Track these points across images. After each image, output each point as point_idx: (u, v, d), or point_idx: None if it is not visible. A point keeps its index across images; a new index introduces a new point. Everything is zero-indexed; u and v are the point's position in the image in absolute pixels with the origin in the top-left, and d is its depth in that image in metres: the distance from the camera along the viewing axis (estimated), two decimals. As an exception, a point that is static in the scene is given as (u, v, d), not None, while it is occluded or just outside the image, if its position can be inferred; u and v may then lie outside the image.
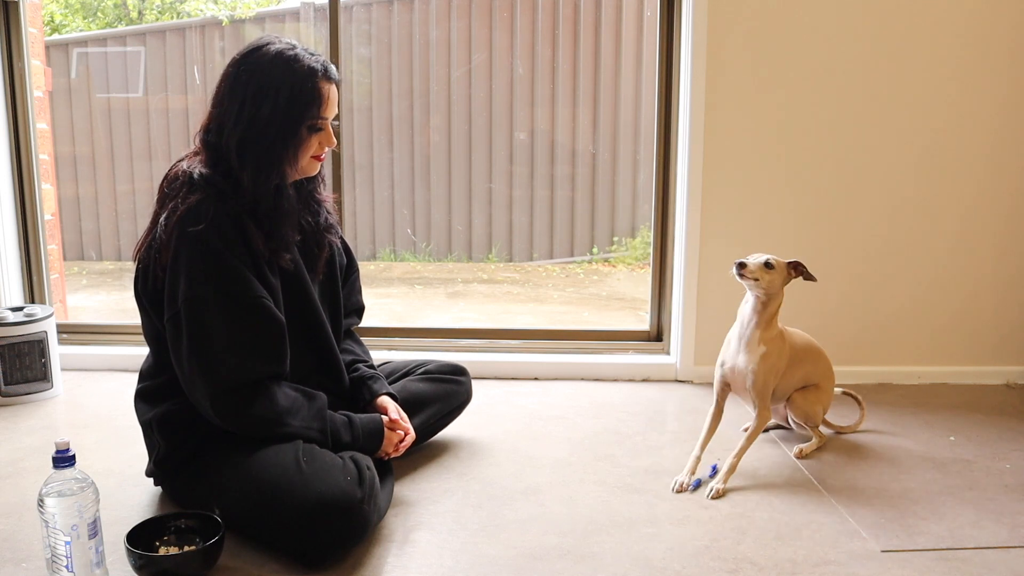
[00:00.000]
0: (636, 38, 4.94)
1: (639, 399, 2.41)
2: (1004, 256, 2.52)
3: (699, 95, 2.42)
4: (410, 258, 5.28)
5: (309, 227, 1.68)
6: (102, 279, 5.06)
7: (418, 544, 1.50)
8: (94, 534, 1.27)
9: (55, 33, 5.65)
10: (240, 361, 1.46)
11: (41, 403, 2.32)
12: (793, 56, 2.41)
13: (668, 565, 1.43)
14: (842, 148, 2.46)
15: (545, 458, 1.93)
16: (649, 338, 2.74)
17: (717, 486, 1.74)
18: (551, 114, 5.01)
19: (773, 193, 2.48)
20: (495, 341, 2.75)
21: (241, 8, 5.53)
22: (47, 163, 2.82)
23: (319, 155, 1.59)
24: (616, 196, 5.16)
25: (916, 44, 2.40)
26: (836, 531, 1.57)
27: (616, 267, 5.33)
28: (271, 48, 1.51)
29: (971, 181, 2.48)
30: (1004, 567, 1.44)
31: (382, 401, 1.74)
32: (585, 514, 1.63)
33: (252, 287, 1.48)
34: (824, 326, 2.42)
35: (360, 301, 1.91)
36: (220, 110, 1.52)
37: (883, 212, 2.49)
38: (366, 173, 5.11)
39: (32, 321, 2.31)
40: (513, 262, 5.28)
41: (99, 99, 4.97)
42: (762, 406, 1.83)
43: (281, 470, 1.43)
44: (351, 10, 4.92)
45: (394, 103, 4.99)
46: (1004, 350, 2.57)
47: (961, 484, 1.80)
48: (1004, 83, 2.42)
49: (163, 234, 1.47)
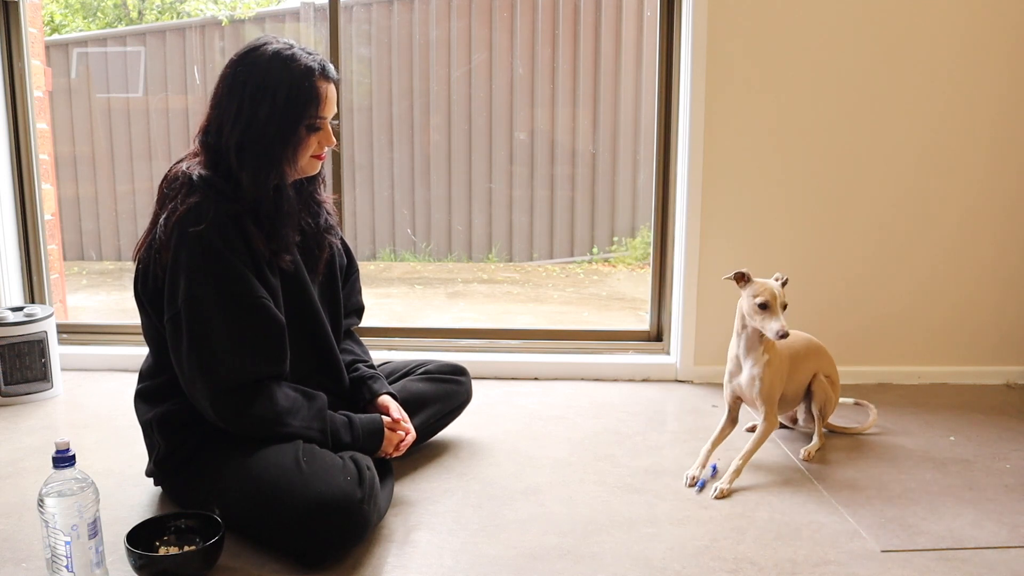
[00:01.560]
0: (636, 38, 4.94)
1: (639, 399, 2.41)
2: (1004, 256, 2.52)
3: (699, 95, 2.42)
4: (410, 258, 5.28)
5: (309, 228, 1.68)
6: (102, 279, 5.06)
7: (418, 544, 1.50)
8: (94, 534, 1.27)
9: (55, 33, 5.65)
10: (240, 361, 1.46)
11: (41, 403, 2.32)
12: (793, 56, 2.41)
13: (668, 565, 1.43)
14: (842, 148, 2.46)
15: (545, 458, 1.93)
16: (649, 338, 2.74)
17: (722, 486, 1.74)
18: (551, 114, 5.01)
19: (773, 193, 2.48)
20: (495, 341, 2.75)
21: (241, 8, 5.53)
22: (47, 163, 2.82)
23: (319, 154, 1.59)
24: (616, 196, 5.16)
25: (916, 45, 2.40)
26: (836, 531, 1.57)
27: (616, 267, 5.33)
28: (268, 48, 1.51)
29: (970, 181, 2.48)
30: (1004, 567, 1.44)
31: (383, 401, 1.74)
32: (585, 514, 1.63)
33: (252, 287, 1.48)
34: (824, 326, 2.42)
35: (360, 301, 1.91)
36: (218, 111, 1.52)
37: (883, 212, 2.49)
38: (366, 173, 5.11)
39: (32, 321, 2.31)
40: (513, 262, 5.28)
41: (99, 99, 4.97)
42: (769, 411, 1.85)
43: (281, 470, 1.43)
44: (351, 10, 4.92)
45: (394, 103, 4.99)
46: (1004, 350, 2.57)
47: (961, 484, 1.80)
48: (1003, 84, 2.42)
49: (163, 234, 1.47)
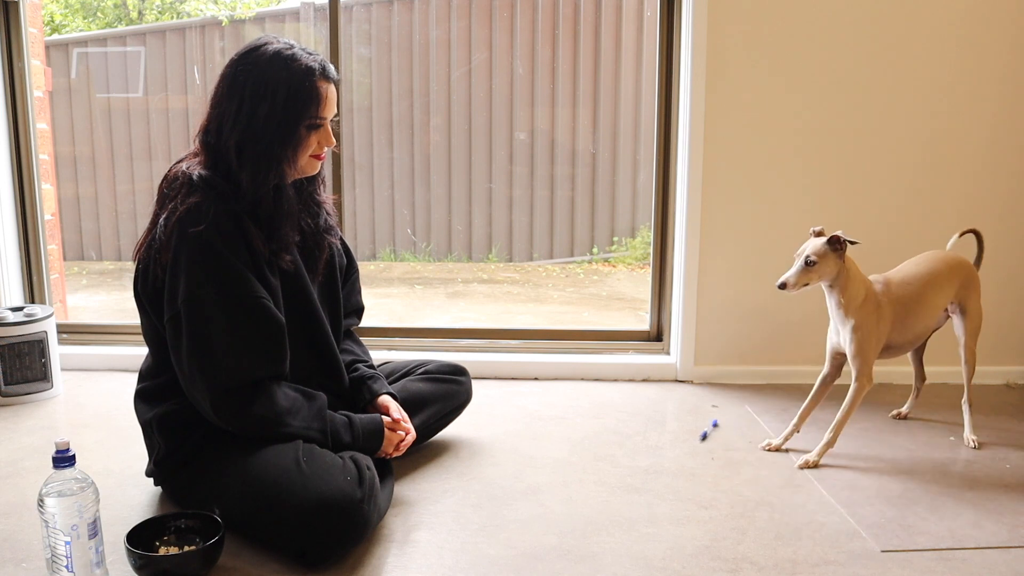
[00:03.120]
0: (636, 38, 4.94)
1: (639, 399, 2.41)
2: (1003, 256, 2.52)
3: (699, 95, 2.42)
4: (410, 258, 5.28)
5: (309, 228, 1.68)
6: (102, 279, 5.06)
7: (418, 544, 1.50)
8: (94, 534, 1.27)
9: (55, 33, 5.65)
10: (240, 361, 1.46)
11: (41, 403, 2.32)
12: (793, 56, 2.41)
13: (668, 565, 1.43)
14: (841, 148, 2.46)
15: (545, 458, 1.93)
16: (649, 338, 2.74)
17: (811, 458, 1.82)
18: (551, 114, 5.01)
19: (773, 193, 2.48)
20: (495, 341, 2.75)
21: (241, 8, 5.53)
22: (47, 163, 2.82)
23: (318, 154, 1.59)
24: (616, 196, 5.16)
25: (916, 44, 2.40)
26: (836, 531, 1.57)
27: (616, 267, 5.33)
28: (269, 48, 1.51)
29: (969, 181, 2.48)
30: (1004, 567, 1.44)
31: (383, 400, 1.74)
32: (585, 514, 1.63)
33: (252, 288, 1.48)
34: (824, 326, 2.42)
35: (360, 302, 1.91)
36: (218, 111, 1.52)
37: (883, 212, 2.49)
38: (366, 173, 5.11)
39: (32, 321, 2.31)
40: (513, 262, 5.28)
41: (99, 99, 4.97)
42: (860, 373, 1.84)
43: (281, 470, 1.43)
44: (351, 10, 4.92)
45: (394, 103, 4.99)
46: (1004, 350, 2.57)
47: (961, 484, 1.80)
48: (1001, 84, 2.42)
49: (163, 235, 1.47)
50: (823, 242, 1.78)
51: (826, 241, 1.78)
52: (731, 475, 1.83)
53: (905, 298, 1.89)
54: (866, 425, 2.17)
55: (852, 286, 1.82)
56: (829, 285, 1.83)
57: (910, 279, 1.92)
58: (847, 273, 1.81)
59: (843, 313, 1.84)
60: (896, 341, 1.91)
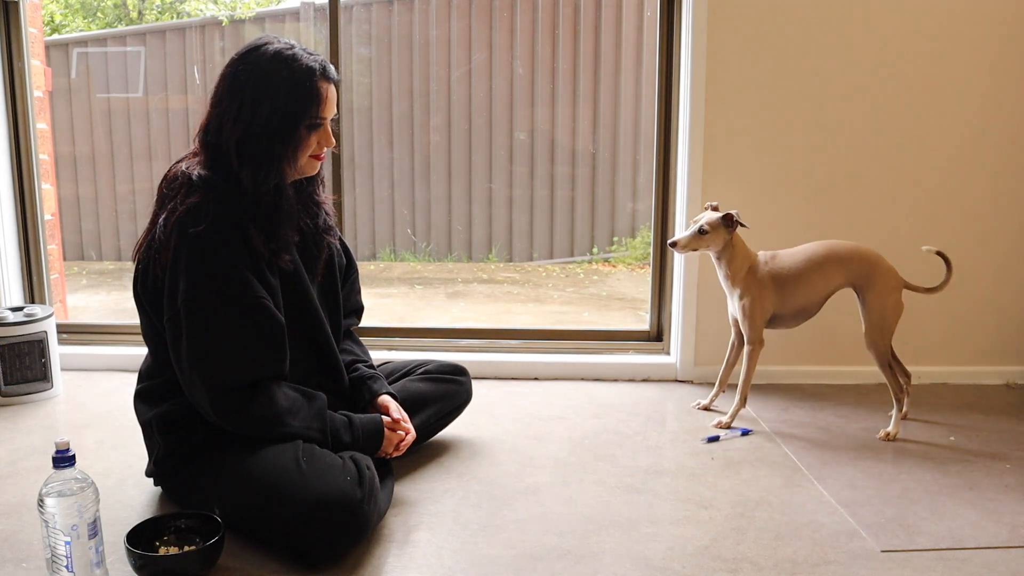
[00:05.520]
0: (636, 38, 4.95)
1: (639, 399, 2.41)
2: (1003, 256, 2.52)
3: (699, 95, 2.42)
4: (410, 258, 5.28)
5: (308, 228, 1.68)
6: (102, 279, 5.06)
7: (418, 544, 1.50)
8: (94, 534, 1.27)
9: (55, 33, 5.66)
10: (240, 361, 1.46)
11: (41, 403, 2.32)
12: (793, 56, 2.41)
13: (668, 565, 1.43)
14: (842, 148, 2.46)
15: (545, 458, 1.93)
16: (649, 338, 2.74)
17: (724, 420, 2.08)
18: (551, 114, 5.01)
19: (773, 193, 2.48)
20: (495, 341, 2.75)
21: (241, 8, 5.53)
22: (47, 163, 2.82)
23: (318, 155, 1.59)
24: (616, 196, 5.17)
25: (917, 43, 2.40)
26: (836, 531, 1.57)
27: (616, 267, 5.34)
28: (269, 48, 1.51)
29: (970, 182, 2.48)
30: (1004, 567, 1.44)
31: (383, 400, 1.74)
32: (585, 514, 1.63)
33: (252, 288, 1.48)
34: (824, 327, 2.42)
35: (359, 302, 1.91)
36: (219, 110, 1.52)
37: (883, 212, 2.49)
38: (366, 173, 5.11)
39: (32, 321, 2.31)
40: (513, 262, 5.28)
41: (99, 99, 4.97)
42: (750, 338, 2.09)
43: (281, 470, 1.43)
44: (351, 10, 4.93)
45: (394, 103, 4.99)
46: (1004, 350, 2.57)
47: (961, 484, 1.80)
48: (1002, 85, 2.42)
49: (162, 235, 1.47)
50: (718, 216, 2.02)
51: (721, 216, 2.01)
52: (731, 475, 1.83)
53: (785, 272, 2.08)
54: (866, 425, 2.17)
55: (737, 259, 2.07)
56: (717, 257, 2.08)
57: (795, 257, 2.09)
58: (733, 248, 2.06)
59: (729, 283, 2.08)
60: (780, 311, 2.10)
